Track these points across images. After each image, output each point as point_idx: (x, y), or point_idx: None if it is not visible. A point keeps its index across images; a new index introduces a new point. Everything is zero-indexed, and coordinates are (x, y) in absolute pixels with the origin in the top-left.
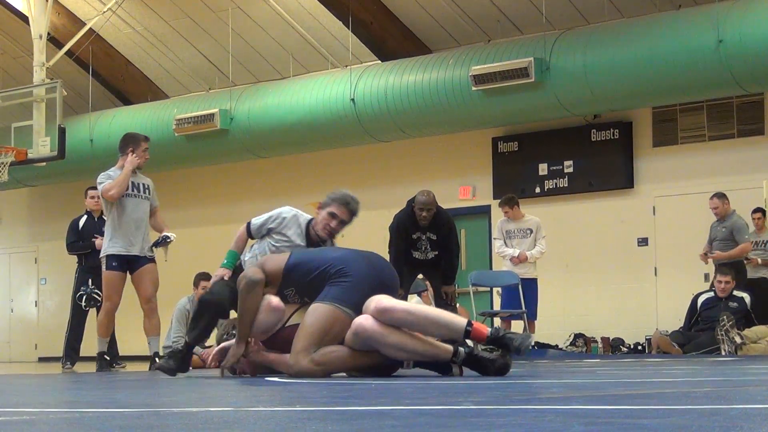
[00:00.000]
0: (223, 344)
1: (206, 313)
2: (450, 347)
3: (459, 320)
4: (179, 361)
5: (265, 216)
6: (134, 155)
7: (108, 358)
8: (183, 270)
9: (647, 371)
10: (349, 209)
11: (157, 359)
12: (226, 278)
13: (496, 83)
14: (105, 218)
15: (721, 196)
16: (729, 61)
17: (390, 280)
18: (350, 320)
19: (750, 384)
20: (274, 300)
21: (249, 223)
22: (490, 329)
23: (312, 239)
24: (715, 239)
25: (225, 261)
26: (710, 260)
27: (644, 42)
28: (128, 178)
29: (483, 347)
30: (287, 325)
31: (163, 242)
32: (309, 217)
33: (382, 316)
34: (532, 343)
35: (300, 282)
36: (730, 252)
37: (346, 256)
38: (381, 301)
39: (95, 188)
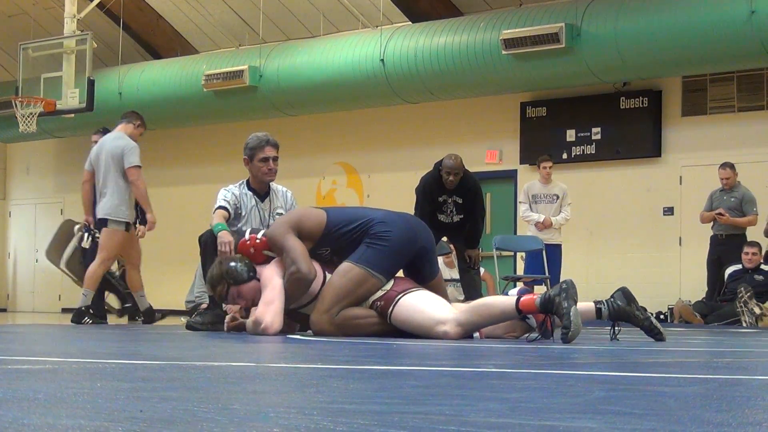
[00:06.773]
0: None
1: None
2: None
3: (508, 300)
4: (214, 316)
5: (221, 201)
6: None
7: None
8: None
9: (669, 340)
10: (270, 144)
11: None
12: (230, 247)
13: (527, 48)
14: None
15: (732, 166)
16: (761, 32)
17: (428, 242)
18: (379, 286)
19: None
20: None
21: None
22: (537, 298)
23: (259, 194)
24: (721, 208)
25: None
26: (719, 219)
27: (676, 10)
28: None
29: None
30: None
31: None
32: (236, 184)
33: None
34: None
35: (338, 241)
36: (736, 219)
37: (390, 217)
38: (448, 334)
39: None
